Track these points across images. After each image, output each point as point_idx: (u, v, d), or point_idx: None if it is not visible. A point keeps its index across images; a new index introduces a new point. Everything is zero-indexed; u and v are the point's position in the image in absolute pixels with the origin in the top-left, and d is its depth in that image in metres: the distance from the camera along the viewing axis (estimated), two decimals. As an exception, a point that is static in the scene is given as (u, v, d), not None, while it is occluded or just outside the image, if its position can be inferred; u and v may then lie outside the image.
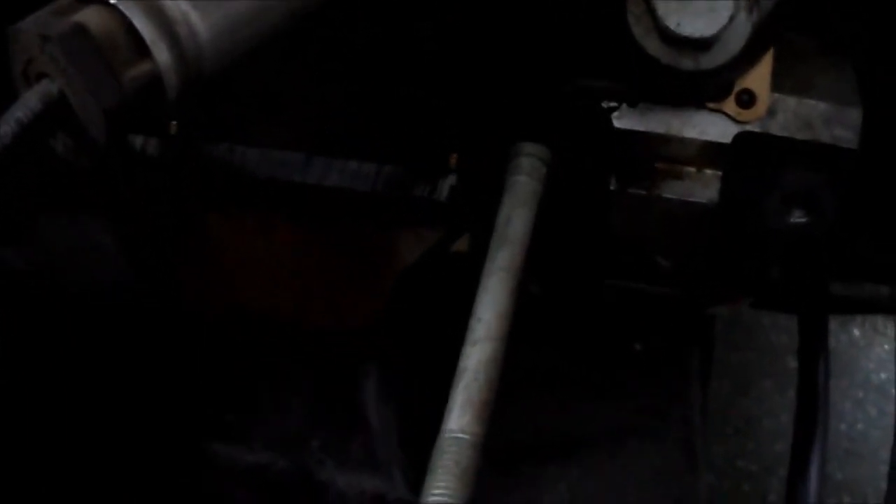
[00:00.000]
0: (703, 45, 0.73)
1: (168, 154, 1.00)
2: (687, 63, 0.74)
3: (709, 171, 0.92)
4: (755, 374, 2.20)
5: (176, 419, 1.22)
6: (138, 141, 0.99)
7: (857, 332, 2.24)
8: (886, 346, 2.22)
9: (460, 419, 0.74)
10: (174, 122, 0.98)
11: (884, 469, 2.04)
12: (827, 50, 0.93)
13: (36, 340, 1.12)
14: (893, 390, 2.18)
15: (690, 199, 0.91)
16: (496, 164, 0.93)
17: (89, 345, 1.17)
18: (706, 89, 0.83)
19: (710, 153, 0.90)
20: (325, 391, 1.23)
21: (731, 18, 0.73)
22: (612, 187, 0.91)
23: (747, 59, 0.78)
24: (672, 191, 0.91)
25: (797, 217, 0.93)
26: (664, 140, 0.89)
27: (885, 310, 1.37)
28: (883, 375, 2.20)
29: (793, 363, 2.23)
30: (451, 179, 0.97)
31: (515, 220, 0.86)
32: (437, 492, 0.72)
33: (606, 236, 0.95)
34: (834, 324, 2.34)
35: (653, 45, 0.74)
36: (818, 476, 1.24)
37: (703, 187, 0.91)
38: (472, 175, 0.97)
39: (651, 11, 0.72)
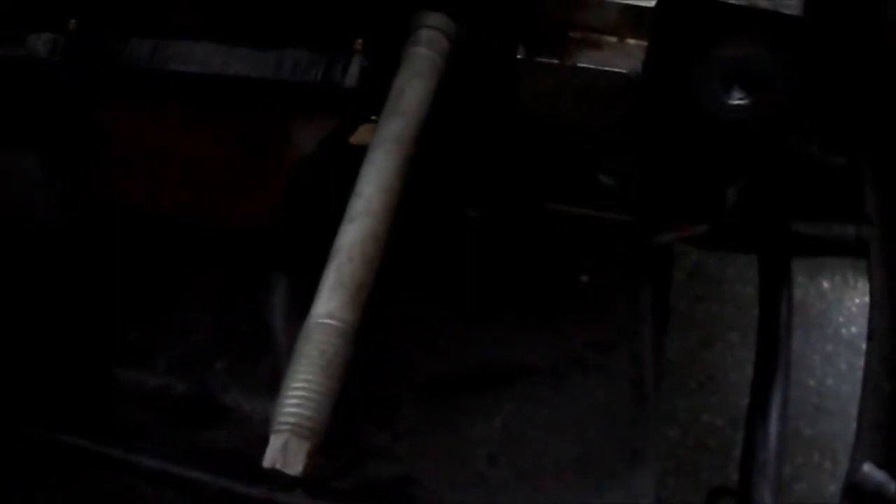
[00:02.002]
0: None
1: (68, 50, 0.96)
2: None
3: (632, 41, 0.85)
4: (720, 327, 2.15)
5: (81, 339, 1.21)
6: (38, 39, 0.96)
7: (826, 284, 2.22)
8: (857, 300, 2.19)
9: (328, 303, 0.66)
10: (73, 20, 0.95)
11: (854, 425, 2.00)
12: None
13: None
14: (864, 345, 2.14)
15: (609, 69, 0.83)
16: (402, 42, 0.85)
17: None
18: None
19: (631, 19, 0.83)
20: (232, 305, 1.20)
21: None
22: (519, 56, 0.83)
23: None
24: (588, 60, 0.83)
25: (738, 98, 0.85)
26: (578, 4, 0.82)
27: (852, 252, 1.31)
28: (853, 329, 2.17)
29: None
30: (359, 62, 0.90)
31: (409, 91, 0.79)
32: (297, 385, 0.63)
33: (516, 114, 0.86)
34: (803, 276, 2.31)
35: None
36: (779, 417, 1.24)
37: (625, 57, 0.83)
38: (377, 58, 0.89)
39: None
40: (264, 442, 0.65)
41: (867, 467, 1.04)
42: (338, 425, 1.09)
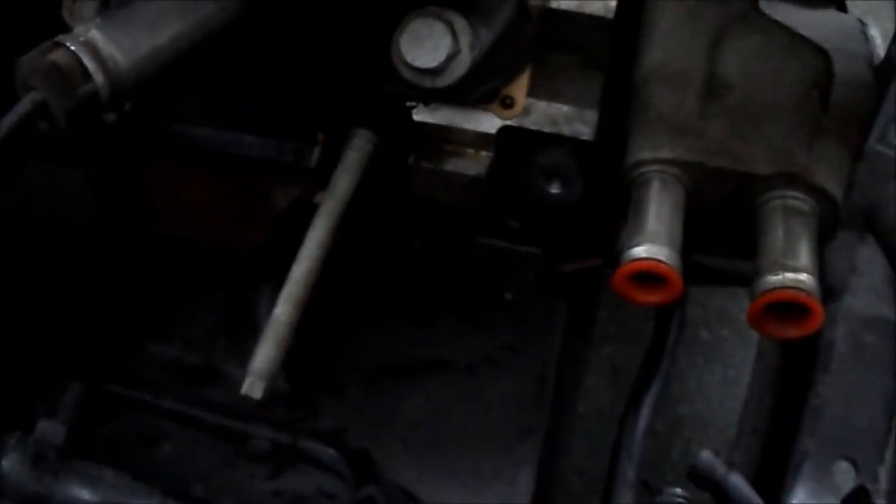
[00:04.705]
0: (434, 72, 1.14)
1: (123, 124, 1.32)
2: (427, 83, 1.15)
3: (484, 153, 1.28)
4: (667, 342, 2.43)
5: (124, 321, 1.56)
6: (107, 115, 1.27)
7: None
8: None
9: (283, 307, 1.14)
10: (128, 103, 1.28)
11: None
12: (585, 64, 1.25)
13: (16, 266, 1.43)
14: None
15: (463, 172, 1.28)
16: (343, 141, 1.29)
17: (57, 267, 1.50)
18: (467, 97, 1.23)
19: (482, 140, 1.26)
20: (232, 303, 1.58)
21: (454, 54, 1.13)
22: (410, 161, 1.27)
23: (481, 78, 1.18)
24: (451, 165, 1.28)
25: (555, 188, 1.26)
26: (447, 129, 1.25)
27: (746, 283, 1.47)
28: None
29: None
30: (318, 150, 1.34)
31: (340, 183, 1.21)
32: (262, 351, 1.12)
33: (412, 197, 1.33)
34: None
35: (405, 71, 1.16)
36: (646, 421, 1.44)
37: (476, 164, 1.29)
38: (330, 148, 1.29)
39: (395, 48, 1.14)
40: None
41: (705, 454, 1.32)
42: (298, 392, 1.54)
